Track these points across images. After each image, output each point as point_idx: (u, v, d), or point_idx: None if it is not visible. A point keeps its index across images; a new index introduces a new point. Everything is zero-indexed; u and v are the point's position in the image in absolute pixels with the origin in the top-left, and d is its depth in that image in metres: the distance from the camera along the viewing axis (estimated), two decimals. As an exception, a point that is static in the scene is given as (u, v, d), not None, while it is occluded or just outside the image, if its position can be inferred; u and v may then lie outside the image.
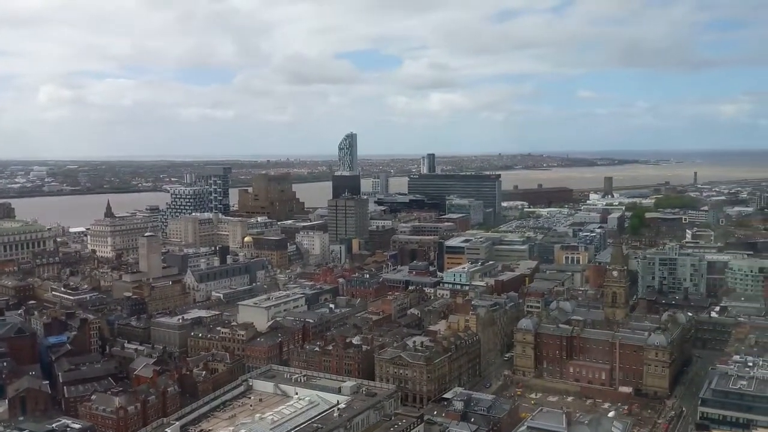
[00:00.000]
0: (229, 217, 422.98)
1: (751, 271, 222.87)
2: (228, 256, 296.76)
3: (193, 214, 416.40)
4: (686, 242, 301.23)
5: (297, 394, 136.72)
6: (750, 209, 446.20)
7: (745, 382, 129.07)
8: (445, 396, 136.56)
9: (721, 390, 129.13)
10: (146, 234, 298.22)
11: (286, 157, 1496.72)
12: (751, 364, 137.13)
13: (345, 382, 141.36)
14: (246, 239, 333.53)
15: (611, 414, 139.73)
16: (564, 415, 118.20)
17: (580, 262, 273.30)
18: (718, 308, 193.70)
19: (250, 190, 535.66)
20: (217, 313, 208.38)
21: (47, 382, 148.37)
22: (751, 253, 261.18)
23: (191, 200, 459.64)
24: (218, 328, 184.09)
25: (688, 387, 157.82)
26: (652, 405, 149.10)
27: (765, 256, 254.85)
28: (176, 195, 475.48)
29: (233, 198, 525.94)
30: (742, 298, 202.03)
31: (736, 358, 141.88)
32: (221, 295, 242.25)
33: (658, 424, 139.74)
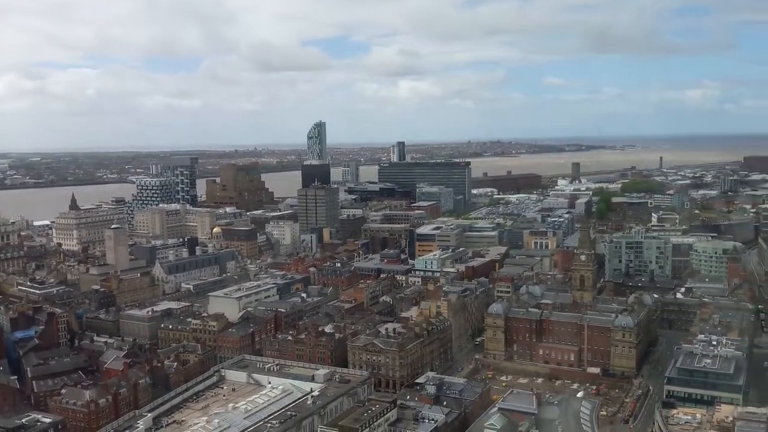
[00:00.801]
0: (197, 208, 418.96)
1: (715, 253, 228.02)
2: (197, 248, 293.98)
3: (160, 205, 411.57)
4: (652, 226, 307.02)
5: (270, 383, 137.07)
6: (714, 192, 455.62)
7: (709, 361, 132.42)
8: (418, 381, 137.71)
9: (686, 368, 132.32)
10: (113, 226, 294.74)
11: (254, 146, 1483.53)
12: (715, 342, 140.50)
13: (318, 370, 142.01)
14: (215, 230, 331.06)
15: (580, 394, 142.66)
16: (534, 396, 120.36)
17: (549, 247, 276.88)
18: (683, 289, 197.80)
19: (218, 180, 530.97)
20: (187, 304, 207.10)
21: (15, 377, 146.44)
22: (715, 235, 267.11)
23: (158, 191, 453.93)
24: (189, 320, 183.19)
25: (655, 366, 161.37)
26: (620, 384, 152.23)
27: (728, 238, 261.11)
28: (142, 186, 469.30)
29: (201, 188, 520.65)
30: (707, 280, 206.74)
31: (701, 337, 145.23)
32: (191, 287, 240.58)
33: (626, 402, 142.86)
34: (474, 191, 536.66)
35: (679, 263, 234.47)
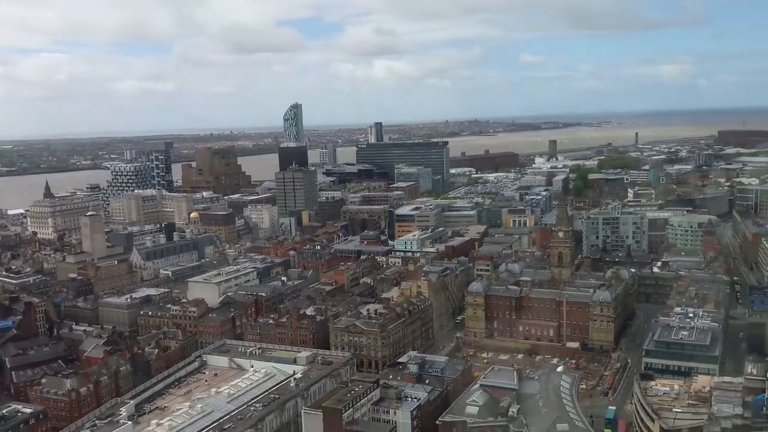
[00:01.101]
0: (173, 194, 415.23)
1: (691, 227, 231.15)
2: (174, 233, 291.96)
3: (136, 191, 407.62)
4: (628, 201, 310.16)
5: (252, 366, 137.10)
6: (689, 167, 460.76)
7: (686, 333, 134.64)
8: (400, 360, 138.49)
9: (663, 341, 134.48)
10: (88, 213, 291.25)
11: (229, 129, 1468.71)
12: (691, 315, 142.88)
13: (300, 352, 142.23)
14: (192, 215, 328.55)
15: (560, 368, 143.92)
16: (515, 372, 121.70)
17: (527, 225, 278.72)
18: (659, 263, 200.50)
19: (193, 164, 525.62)
20: (166, 290, 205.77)
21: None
22: (690, 209, 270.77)
23: (133, 177, 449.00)
24: (168, 306, 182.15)
25: (633, 340, 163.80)
26: (599, 358, 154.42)
27: (703, 211, 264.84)
28: (117, 172, 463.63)
29: (176, 173, 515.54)
30: (682, 253, 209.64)
31: (678, 310, 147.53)
32: (169, 273, 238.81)
33: (605, 376, 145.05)
34: (452, 171, 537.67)
35: (656, 238, 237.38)
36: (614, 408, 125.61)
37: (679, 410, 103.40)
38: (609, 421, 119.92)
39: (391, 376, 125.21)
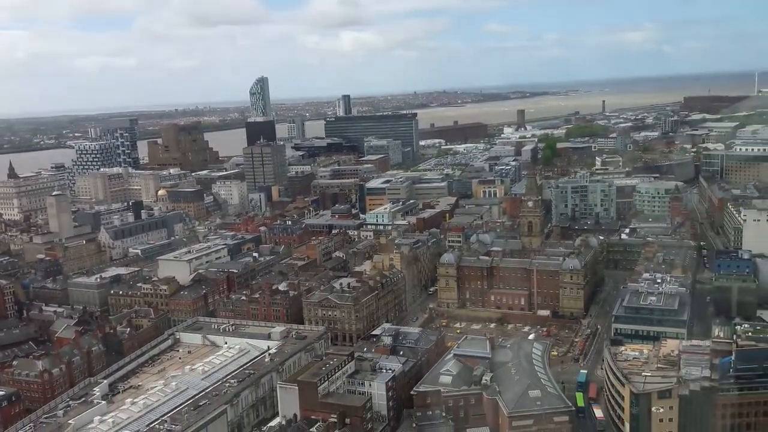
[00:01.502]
0: (140, 171, 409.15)
1: (658, 193, 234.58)
2: (142, 211, 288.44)
3: (102, 169, 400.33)
4: (596, 169, 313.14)
5: (226, 343, 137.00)
6: (655, 134, 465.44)
7: (654, 298, 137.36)
8: (374, 333, 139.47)
9: (632, 306, 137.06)
10: (54, 193, 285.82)
11: (195, 105, 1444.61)
12: (659, 280, 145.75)
13: (274, 327, 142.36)
14: (160, 192, 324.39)
15: (531, 336, 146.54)
16: (487, 341, 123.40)
17: (497, 195, 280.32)
18: (627, 230, 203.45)
19: (159, 141, 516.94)
20: (136, 269, 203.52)
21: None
22: (657, 175, 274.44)
23: (98, 155, 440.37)
24: (139, 285, 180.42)
25: (602, 306, 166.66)
26: (569, 325, 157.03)
27: (670, 178, 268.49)
28: (82, 151, 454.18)
29: (142, 151, 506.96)
30: (650, 219, 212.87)
31: (646, 275, 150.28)
32: (139, 251, 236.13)
33: (575, 342, 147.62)
34: (422, 143, 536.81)
35: (623, 205, 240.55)
36: (585, 372, 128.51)
37: (649, 374, 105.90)
38: (580, 384, 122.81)
39: (365, 349, 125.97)
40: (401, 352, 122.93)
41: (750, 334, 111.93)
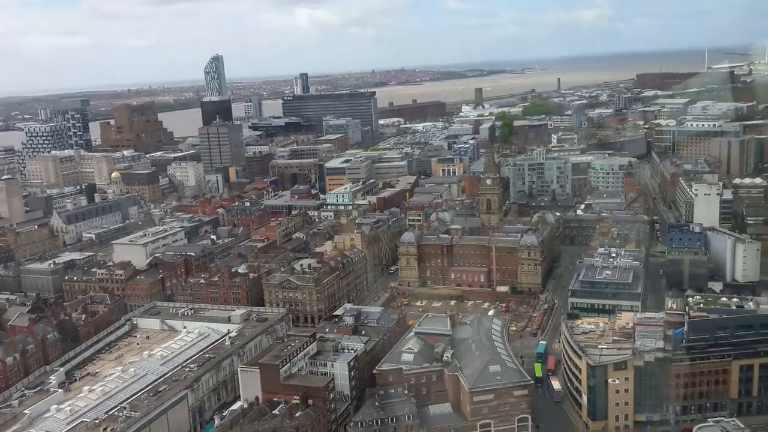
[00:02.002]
0: (92, 153, 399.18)
1: (612, 169, 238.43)
2: (96, 195, 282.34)
3: (53, 152, 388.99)
4: (552, 147, 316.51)
5: (185, 327, 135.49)
6: (609, 111, 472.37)
7: (609, 272, 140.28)
8: (336, 313, 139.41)
9: (588, 281, 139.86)
10: (3, 177, 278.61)
11: (149, 84, 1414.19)
12: (614, 255, 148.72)
13: (234, 311, 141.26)
14: (113, 175, 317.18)
15: (491, 312, 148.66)
16: (448, 319, 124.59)
17: (456, 174, 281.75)
18: (583, 206, 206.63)
19: (112, 122, 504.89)
20: (90, 254, 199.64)
21: None
22: (611, 152, 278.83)
23: (49, 138, 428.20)
24: (94, 270, 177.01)
25: (559, 281, 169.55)
26: (527, 300, 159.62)
27: (624, 154, 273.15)
28: (32, 133, 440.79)
29: (95, 132, 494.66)
30: (605, 195, 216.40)
31: (601, 250, 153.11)
32: (93, 236, 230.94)
33: (533, 317, 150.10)
34: (381, 122, 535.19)
35: (579, 181, 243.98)
36: (545, 343, 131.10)
37: (605, 347, 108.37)
38: (539, 355, 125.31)
39: (327, 330, 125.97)
40: (363, 332, 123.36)
41: (701, 305, 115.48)
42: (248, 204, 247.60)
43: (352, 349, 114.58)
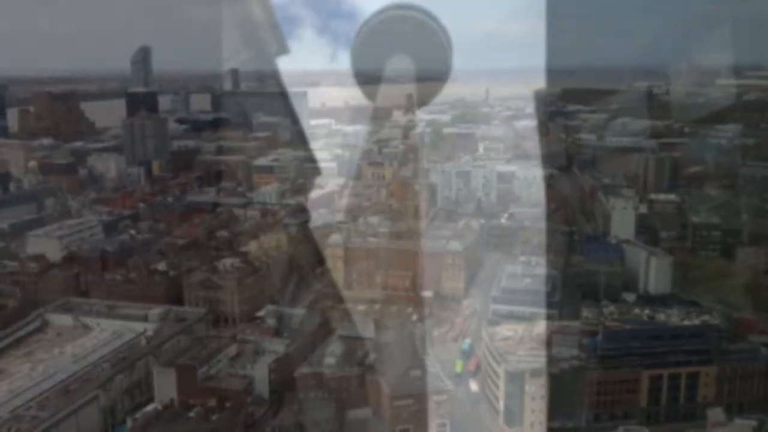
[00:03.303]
0: (8, 141, 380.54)
1: (534, 180, 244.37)
2: (10, 184, 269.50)
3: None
4: (479, 155, 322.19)
5: (99, 325, 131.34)
6: (534, 123, 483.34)
7: (529, 280, 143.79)
8: (258, 314, 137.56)
9: (509, 288, 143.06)
10: None
11: (71, 72, 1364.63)
12: (534, 263, 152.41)
13: (151, 309, 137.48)
14: (30, 164, 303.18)
15: (414, 317, 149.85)
16: (372, 323, 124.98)
17: (385, 178, 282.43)
18: (506, 215, 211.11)
19: (31, 109, 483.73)
20: (1, 245, 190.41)
21: None
22: (535, 163, 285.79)
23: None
24: (4, 262, 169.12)
25: (481, 287, 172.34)
26: (450, 306, 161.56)
27: (546, 165, 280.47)
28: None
29: (12, 119, 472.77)
30: (527, 205, 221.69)
31: (522, 258, 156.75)
32: (5, 226, 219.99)
33: (456, 322, 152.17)
34: (312, 122, 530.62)
35: (504, 190, 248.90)
36: (469, 341, 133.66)
37: (523, 353, 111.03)
38: (464, 351, 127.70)
39: (248, 331, 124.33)
40: (285, 334, 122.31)
41: (615, 315, 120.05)
42: (171, 199, 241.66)
43: (273, 352, 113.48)
